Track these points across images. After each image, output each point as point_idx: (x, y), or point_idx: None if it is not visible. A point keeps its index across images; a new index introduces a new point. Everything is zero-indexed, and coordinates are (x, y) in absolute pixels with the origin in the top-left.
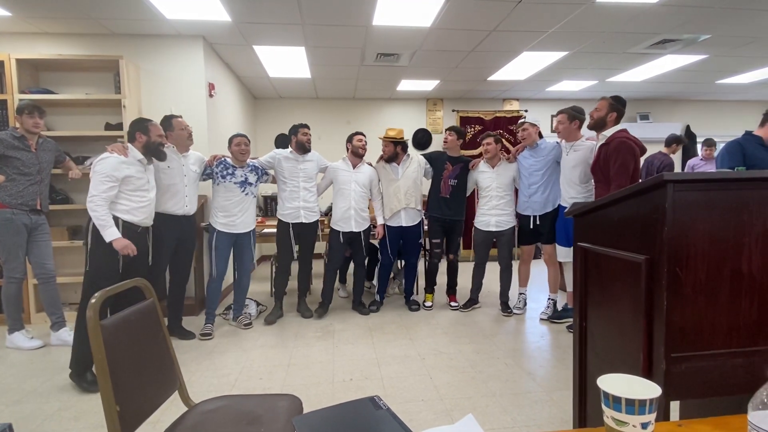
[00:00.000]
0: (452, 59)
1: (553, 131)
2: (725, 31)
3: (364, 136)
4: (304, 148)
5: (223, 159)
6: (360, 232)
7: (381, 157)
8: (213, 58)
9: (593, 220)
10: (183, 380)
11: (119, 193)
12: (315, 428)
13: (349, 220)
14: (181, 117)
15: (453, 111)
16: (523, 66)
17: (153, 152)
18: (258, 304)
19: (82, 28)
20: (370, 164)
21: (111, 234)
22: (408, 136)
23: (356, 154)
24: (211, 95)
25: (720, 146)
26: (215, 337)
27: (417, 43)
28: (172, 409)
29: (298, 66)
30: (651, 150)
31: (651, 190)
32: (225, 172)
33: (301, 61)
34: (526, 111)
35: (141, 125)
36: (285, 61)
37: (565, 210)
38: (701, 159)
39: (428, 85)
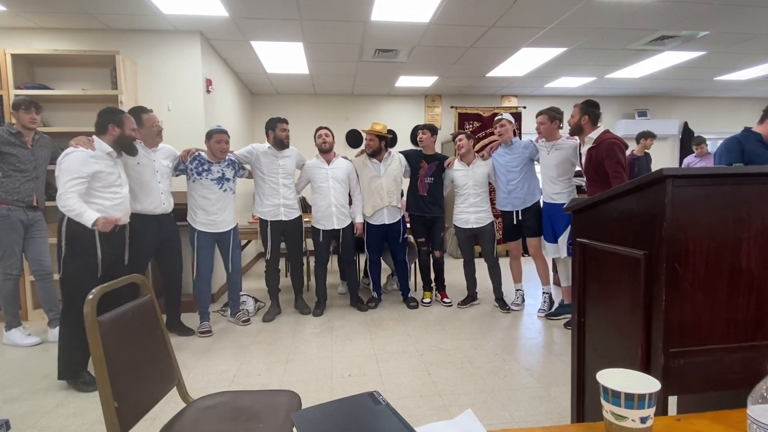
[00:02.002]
0: (451, 55)
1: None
2: (724, 27)
3: (327, 129)
4: (282, 144)
5: (197, 154)
6: (341, 229)
7: (363, 151)
8: (210, 53)
9: (592, 216)
10: (181, 376)
11: (91, 191)
12: (314, 423)
13: (331, 217)
14: (152, 111)
15: (451, 107)
16: (521, 62)
17: (124, 147)
18: (256, 300)
19: (78, 23)
20: (346, 158)
21: (90, 217)
22: (406, 133)
23: (322, 150)
24: (208, 91)
25: (718, 143)
26: (214, 333)
27: (415, 39)
28: (170, 405)
29: (296, 62)
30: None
31: (650, 186)
32: (200, 169)
33: (299, 57)
34: (524, 107)
35: (115, 117)
36: (283, 57)
37: (551, 205)
38: (695, 157)
39: (427, 81)
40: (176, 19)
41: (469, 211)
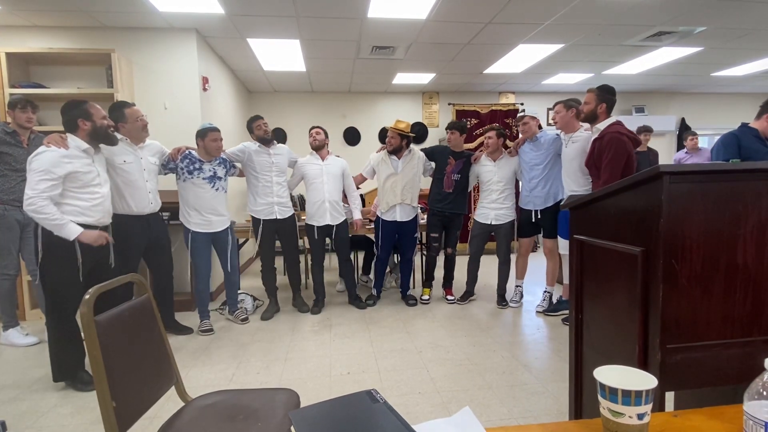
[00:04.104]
0: (448, 52)
1: (549, 124)
2: (721, 23)
3: (319, 128)
4: (266, 141)
5: (188, 152)
6: (335, 225)
7: (383, 147)
8: (206, 51)
9: (589, 213)
10: (179, 375)
11: (66, 192)
12: (312, 422)
13: (324, 213)
14: (135, 105)
15: (449, 104)
16: (519, 59)
17: (101, 138)
18: (254, 299)
19: (73, 21)
20: (338, 156)
21: (72, 231)
22: None
23: (314, 148)
24: (205, 89)
25: (714, 139)
26: (215, 331)
27: (412, 36)
28: (169, 404)
29: (293, 59)
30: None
31: (647, 182)
32: (192, 168)
33: (295, 55)
34: (521, 104)
35: (80, 110)
36: (279, 55)
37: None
38: (686, 153)
39: (424, 78)
40: (172, 16)
41: (490, 207)
